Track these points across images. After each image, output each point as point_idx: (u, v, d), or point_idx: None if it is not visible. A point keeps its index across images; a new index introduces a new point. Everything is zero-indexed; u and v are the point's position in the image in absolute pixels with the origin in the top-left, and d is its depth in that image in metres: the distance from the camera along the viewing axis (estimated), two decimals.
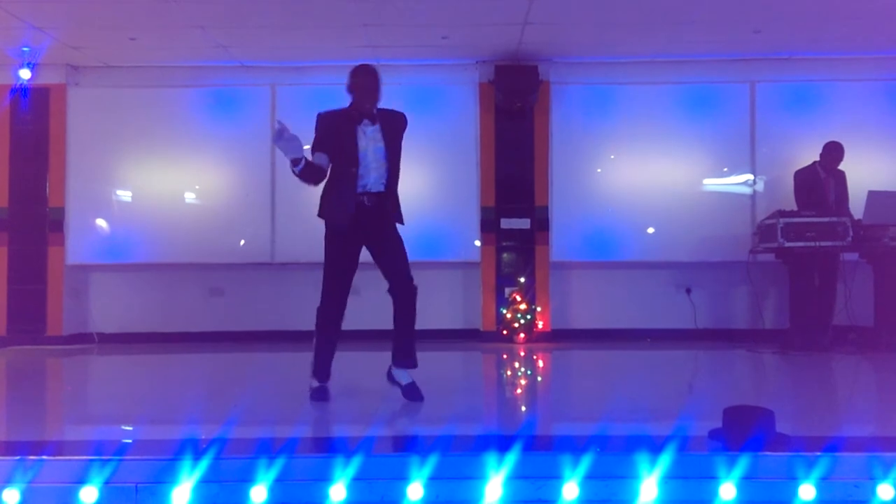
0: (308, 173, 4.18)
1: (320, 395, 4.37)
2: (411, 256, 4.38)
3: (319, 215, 4.34)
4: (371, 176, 4.23)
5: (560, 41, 7.54)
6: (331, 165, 4.26)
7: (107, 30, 7.09)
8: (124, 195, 8.18)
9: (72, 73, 8.14)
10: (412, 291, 4.30)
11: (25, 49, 7.46)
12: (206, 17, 6.77)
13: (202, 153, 8.16)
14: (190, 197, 8.20)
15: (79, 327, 8.16)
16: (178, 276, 8.25)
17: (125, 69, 8.14)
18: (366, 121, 4.23)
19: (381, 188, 4.25)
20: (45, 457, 3.10)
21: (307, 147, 4.25)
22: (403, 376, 4.37)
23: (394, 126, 4.30)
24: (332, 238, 4.32)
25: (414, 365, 4.36)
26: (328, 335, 4.37)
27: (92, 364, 7.17)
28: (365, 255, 4.37)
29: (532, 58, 7.87)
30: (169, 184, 8.14)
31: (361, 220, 4.23)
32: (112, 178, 8.15)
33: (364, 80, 4.23)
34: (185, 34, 7.15)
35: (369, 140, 4.22)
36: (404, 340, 4.34)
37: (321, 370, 4.39)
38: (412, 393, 4.32)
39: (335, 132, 4.24)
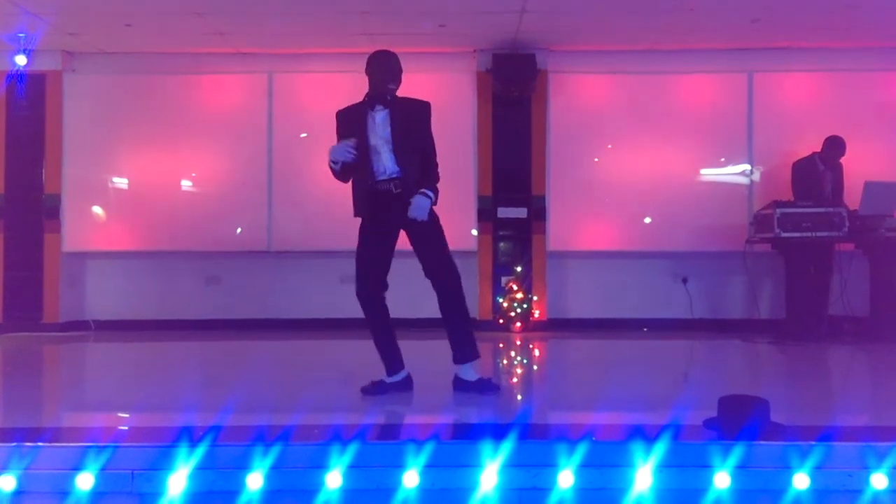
0: (339, 172, 4.25)
1: (372, 389, 4.24)
2: (411, 246, 4.34)
3: (355, 215, 4.30)
4: (384, 163, 4.19)
5: (558, 30, 7.52)
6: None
7: (103, 16, 7.05)
8: (120, 182, 8.16)
9: (68, 59, 8.10)
10: (446, 279, 4.20)
11: (21, 35, 7.41)
12: (203, 4, 6.73)
13: (199, 141, 8.13)
14: (187, 184, 8.18)
15: (75, 314, 8.15)
16: (175, 264, 8.24)
17: (121, 56, 8.10)
18: (378, 106, 4.21)
19: (397, 174, 4.18)
20: (41, 443, 3.11)
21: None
22: (469, 373, 4.24)
23: (408, 113, 4.23)
24: (361, 225, 4.30)
25: (473, 356, 4.22)
26: (371, 325, 4.29)
27: (88, 351, 7.17)
28: (355, 241, 4.33)
29: (530, 46, 7.85)
30: (165, 171, 8.11)
31: (383, 207, 4.19)
32: (108, 165, 8.12)
33: (380, 61, 4.24)
34: (182, 21, 7.12)
35: (378, 126, 4.19)
36: (453, 332, 4.22)
37: (384, 362, 4.29)
38: (484, 387, 4.19)
39: (350, 124, 4.24)
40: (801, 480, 3.04)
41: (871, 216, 6.82)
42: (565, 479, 3.04)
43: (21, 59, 7.72)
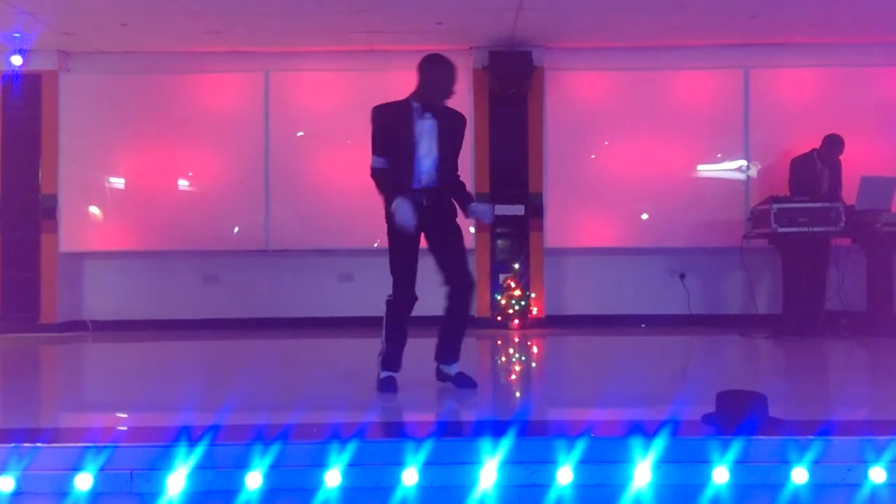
0: (385, 194, 4.16)
1: (388, 385, 4.24)
2: None
3: (386, 219, 4.23)
4: (424, 171, 4.16)
5: (554, 27, 7.52)
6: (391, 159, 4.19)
7: (98, 15, 7.04)
8: (117, 182, 8.15)
9: (63, 59, 8.09)
10: (467, 288, 4.23)
11: (16, 35, 7.40)
12: (198, 3, 6.72)
13: (196, 140, 8.13)
14: (183, 184, 8.17)
15: (73, 315, 8.14)
16: (172, 264, 8.23)
17: (117, 55, 8.09)
18: (427, 114, 4.15)
19: (434, 184, 4.17)
20: (39, 444, 3.11)
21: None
22: (452, 368, 4.33)
23: (451, 124, 4.22)
24: (393, 231, 4.21)
25: (451, 361, 4.31)
26: (398, 324, 4.26)
27: (86, 351, 7.17)
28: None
29: (526, 44, 7.85)
30: (162, 171, 8.11)
31: (419, 215, 4.13)
32: (105, 165, 8.11)
33: (440, 74, 4.15)
34: (178, 20, 7.10)
35: (425, 134, 4.14)
36: (452, 339, 4.28)
37: (392, 361, 4.27)
38: (464, 381, 4.27)
39: (394, 126, 4.14)
40: (799, 475, 3.04)
41: (867, 211, 6.83)
42: (564, 475, 3.04)
43: (17, 60, 7.70)
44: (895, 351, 6.25)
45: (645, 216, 8.06)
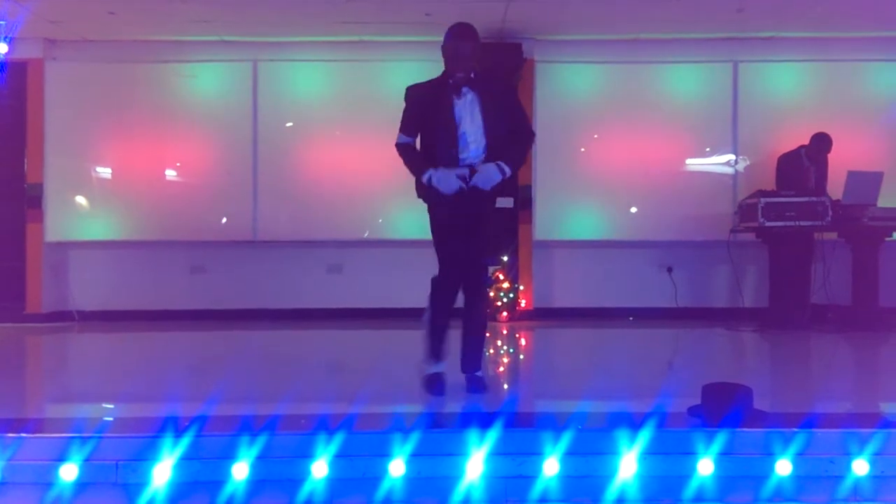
0: (413, 168, 3.95)
1: (433, 385, 4.02)
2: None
3: (418, 195, 4.01)
4: (470, 150, 3.87)
5: (544, 19, 7.50)
6: (423, 142, 3.95)
7: (85, 3, 6.96)
8: (104, 172, 8.08)
9: (49, 47, 8.01)
10: (476, 281, 4.01)
11: (1, 23, 7.32)
12: None
13: (183, 129, 8.06)
14: (171, 174, 8.11)
15: (58, 305, 8.09)
16: (160, 254, 8.18)
17: (104, 43, 8.01)
18: (464, 89, 3.85)
19: (473, 162, 3.88)
20: (24, 434, 3.09)
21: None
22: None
23: (494, 93, 3.91)
24: (433, 211, 4.02)
25: (474, 370, 4.08)
26: (440, 307, 4.02)
27: (72, 342, 7.13)
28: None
29: (516, 35, 7.83)
30: (149, 160, 8.04)
31: (460, 196, 3.87)
32: (91, 154, 8.05)
33: (456, 44, 3.85)
34: (166, 8, 7.04)
35: (466, 112, 3.85)
36: (468, 344, 4.08)
37: (435, 349, 4.05)
38: (474, 385, 4.06)
39: (430, 108, 3.88)
40: (783, 466, 3.07)
41: (853, 205, 6.86)
42: (551, 466, 3.06)
43: (2, 47, 7.62)
44: (879, 345, 6.31)
45: (633, 209, 8.08)
